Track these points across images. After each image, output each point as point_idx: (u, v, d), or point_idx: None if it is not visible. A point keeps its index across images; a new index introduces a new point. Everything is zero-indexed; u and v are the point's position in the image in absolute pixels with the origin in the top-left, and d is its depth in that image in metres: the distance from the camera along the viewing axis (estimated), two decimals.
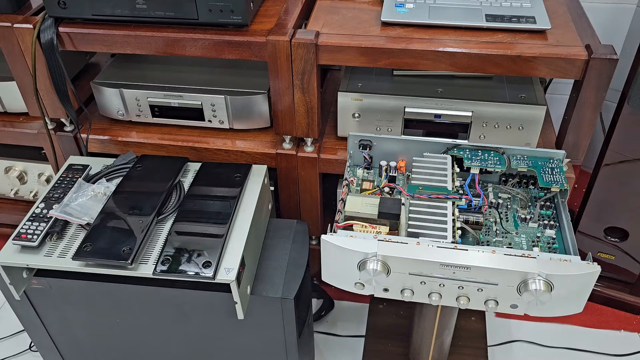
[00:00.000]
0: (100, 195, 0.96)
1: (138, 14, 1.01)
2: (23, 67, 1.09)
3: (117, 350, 1.06)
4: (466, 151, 0.93)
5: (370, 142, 0.96)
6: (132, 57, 1.27)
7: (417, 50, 0.94)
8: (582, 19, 1.01)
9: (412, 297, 0.81)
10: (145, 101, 1.15)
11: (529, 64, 0.92)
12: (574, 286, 0.75)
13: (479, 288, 0.78)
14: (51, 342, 1.05)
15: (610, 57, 0.89)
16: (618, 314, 1.34)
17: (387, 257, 0.77)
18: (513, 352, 1.26)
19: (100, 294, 0.94)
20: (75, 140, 1.20)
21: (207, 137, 1.17)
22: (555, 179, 0.89)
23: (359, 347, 1.24)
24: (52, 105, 1.14)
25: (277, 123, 1.09)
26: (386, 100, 1.07)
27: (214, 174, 1.01)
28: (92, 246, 0.86)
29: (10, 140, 1.25)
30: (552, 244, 0.86)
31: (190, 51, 1.02)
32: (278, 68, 1.00)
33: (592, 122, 0.97)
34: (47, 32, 1.04)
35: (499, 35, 0.97)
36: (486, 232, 0.88)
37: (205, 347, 1.02)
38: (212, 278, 0.83)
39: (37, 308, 0.99)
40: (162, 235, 0.91)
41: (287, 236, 1.03)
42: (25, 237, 0.89)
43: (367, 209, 0.84)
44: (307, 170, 1.14)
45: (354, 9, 1.07)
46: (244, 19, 0.98)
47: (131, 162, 1.04)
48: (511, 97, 1.06)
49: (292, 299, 0.91)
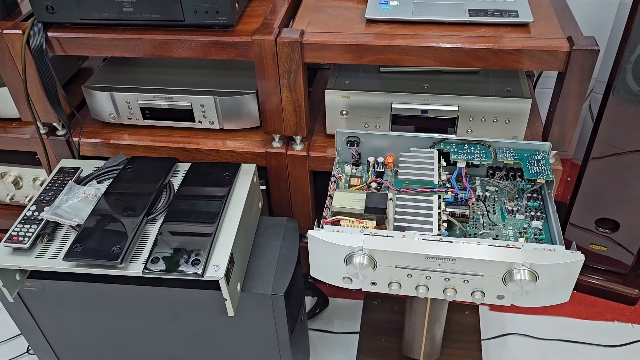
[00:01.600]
0: (91, 197, 0.97)
1: (125, 17, 1.02)
2: (14, 72, 1.10)
3: (111, 351, 1.07)
4: (452, 145, 0.94)
5: (358, 139, 0.97)
6: (122, 61, 1.28)
7: (401, 46, 0.95)
8: (564, 12, 1.02)
9: (399, 290, 0.82)
10: (135, 104, 1.16)
11: (512, 57, 0.93)
12: (558, 275, 0.76)
13: (465, 279, 0.78)
14: (47, 344, 1.06)
15: (591, 48, 0.90)
16: (611, 305, 1.34)
17: (373, 251, 0.77)
18: (507, 345, 1.27)
19: (93, 295, 0.95)
20: (68, 144, 1.21)
21: (197, 138, 1.18)
22: (541, 170, 0.89)
23: (354, 343, 1.24)
24: (44, 109, 1.15)
25: (266, 122, 1.10)
26: (373, 96, 1.08)
27: (203, 174, 1.02)
28: (83, 247, 0.87)
29: (4, 146, 1.26)
30: (539, 235, 0.87)
31: (178, 53, 1.03)
32: (264, 67, 1.01)
33: (577, 113, 0.98)
34: (37, 37, 1.05)
35: (482, 29, 0.97)
36: (473, 225, 0.88)
37: (198, 346, 1.02)
38: (201, 275, 0.84)
39: (32, 310, 1.00)
40: (152, 234, 0.92)
41: (277, 233, 1.04)
42: (16, 240, 0.90)
43: (354, 204, 0.85)
44: (297, 169, 1.14)
45: (339, 7, 1.08)
46: (229, 19, 0.99)
47: (122, 164, 1.05)
48: (497, 90, 1.07)
49: (282, 295, 0.92)
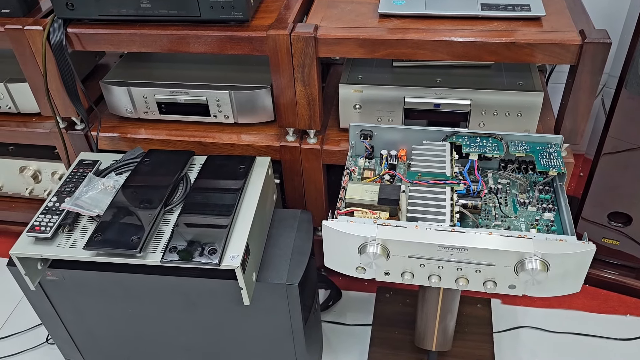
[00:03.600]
0: (110, 189, 0.99)
1: (143, 13, 1.04)
2: (34, 68, 1.13)
3: (129, 340, 1.09)
4: (465, 138, 0.95)
5: (371, 132, 0.98)
6: (139, 56, 1.30)
7: (414, 40, 0.96)
8: (577, 5, 1.02)
9: (412, 280, 0.83)
10: (152, 98, 1.19)
11: (524, 50, 0.94)
12: (570, 265, 0.77)
13: (477, 269, 0.79)
14: (66, 333, 1.09)
15: (603, 42, 0.90)
16: (624, 299, 1.34)
17: (387, 241, 0.79)
18: (519, 338, 1.27)
19: (112, 284, 0.97)
20: (86, 138, 1.23)
21: (213, 132, 1.20)
22: (553, 163, 0.90)
23: (366, 335, 1.26)
24: (63, 104, 1.18)
25: (280, 116, 1.11)
26: (386, 91, 1.09)
27: (219, 167, 1.04)
28: (102, 236, 0.89)
29: (24, 140, 1.29)
30: (551, 227, 0.87)
31: (194, 48, 1.05)
32: (279, 62, 1.03)
33: (589, 106, 0.98)
34: (57, 33, 1.07)
35: (494, 23, 0.98)
36: (485, 217, 0.90)
37: (214, 335, 1.04)
38: (218, 265, 0.86)
39: (52, 299, 1.02)
40: (170, 225, 0.94)
41: (291, 225, 1.06)
42: (38, 229, 0.93)
43: (368, 195, 0.86)
44: (311, 162, 1.16)
45: (352, 2, 1.09)
46: (244, 14, 1.01)
47: (139, 157, 1.07)
48: (509, 84, 1.07)
49: (296, 285, 0.94)
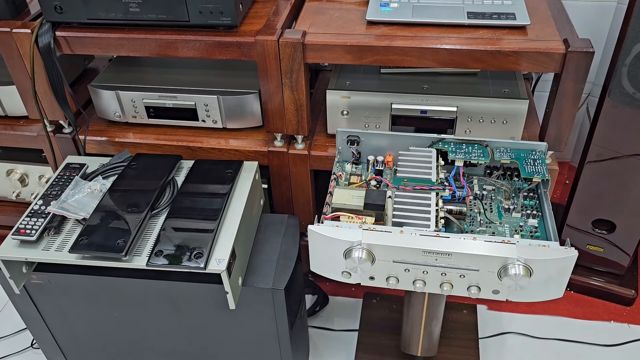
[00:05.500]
0: (97, 192, 0.99)
1: (132, 17, 1.04)
2: (22, 71, 1.12)
3: (115, 344, 1.08)
4: (450, 145, 0.96)
5: (358, 138, 0.99)
6: (127, 61, 1.30)
7: (401, 47, 0.97)
8: (561, 15, 1.04)
9: (397, 284, 0.84)
10: (140, 102, 1.19)
11: (509, 58, 0.95)
12: (552, 271, 0.78)
13: (461, 274, 0.80)
14: (51, 337, 1.08)
15: (586, 50, 0.92)
16: (608, 305, 1.35)
17: (372, 245, 0.79)
18: (504, 344, 1.28)
19: (97, 288, 0.97)
20: (74, 142, 1.23)
21: (201, 137, 1.20)
22: (537, 169, 0.91)
23: (353, 340, 1.26)
24: (51, 107, 1.18)
25: (268, 121, 1.12)
26: (373, 97, 1.10)
27: (206, 171, 1.04)
28: (88, 239, 0.89)
29: (11, 143, 1.28)
30: (535, 233, 0.88)
31: (183, 52, 1.06)
32: (267, 67, 1.03)
33: (572, 114, 1.00)
34: (45, 37, 1.07)
35: (480, 31, 1.00)
36: (470, 222, 0.90)
37: (200, 339, 1.04)
38: (204, 268, 0.86)
39: (37, 303, 1.02)
40: (156, 229, 0.94)
41: (278, 230, 1.06)
42: (24, 232, 0.92)
43: (354, 200, 0.87)
44: (299, 167, 1.16)
45: (341, 9, 1.10)
46: (233, 20, 1.01)
47: (126, 161, 1.07)
48: (495, 92, 1.09)
49: (282, 289, 0.94)
